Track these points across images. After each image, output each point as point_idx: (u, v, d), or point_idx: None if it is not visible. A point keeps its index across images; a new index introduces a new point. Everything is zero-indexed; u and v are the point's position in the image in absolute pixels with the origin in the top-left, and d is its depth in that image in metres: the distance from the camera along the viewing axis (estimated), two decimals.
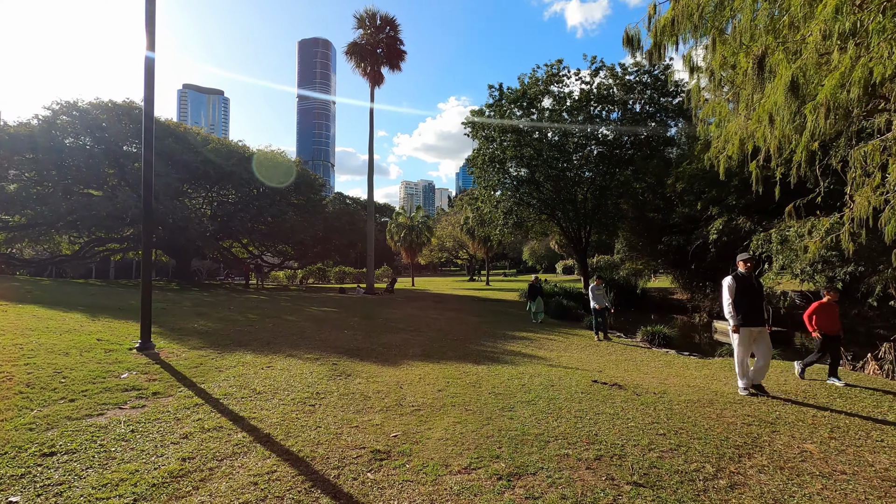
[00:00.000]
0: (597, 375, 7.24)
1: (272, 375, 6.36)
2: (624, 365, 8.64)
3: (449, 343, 10.21)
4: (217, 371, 6.43)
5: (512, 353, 9.46)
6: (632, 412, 5.16)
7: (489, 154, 26.72)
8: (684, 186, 18.92)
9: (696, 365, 8.83)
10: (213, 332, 9.67)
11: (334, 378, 6.42)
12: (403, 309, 17.43)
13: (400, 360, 8.05)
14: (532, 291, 15.83)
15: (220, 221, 27.37)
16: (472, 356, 8.72)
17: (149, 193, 7.52)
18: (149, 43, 7.68)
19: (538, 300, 15.73)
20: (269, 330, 10.45)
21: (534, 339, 11.71)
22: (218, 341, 8.63)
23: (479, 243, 42.87)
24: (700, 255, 18.93)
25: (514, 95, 25.76)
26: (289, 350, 8.26)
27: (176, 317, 11.37)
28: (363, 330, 11.40)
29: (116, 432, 4.06)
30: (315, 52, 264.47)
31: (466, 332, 12.30)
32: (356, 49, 30.79)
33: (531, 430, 4.46)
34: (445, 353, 8.97)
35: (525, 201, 27.16)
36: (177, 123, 29.13)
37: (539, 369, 7.63)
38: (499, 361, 8.29)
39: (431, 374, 6.90)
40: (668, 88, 25.63)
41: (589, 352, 10.19)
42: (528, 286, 16.32)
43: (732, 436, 4.52)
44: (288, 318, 12.95)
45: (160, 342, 8.00)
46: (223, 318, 11.96)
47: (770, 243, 14.03)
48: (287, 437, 4.18)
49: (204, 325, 10.51)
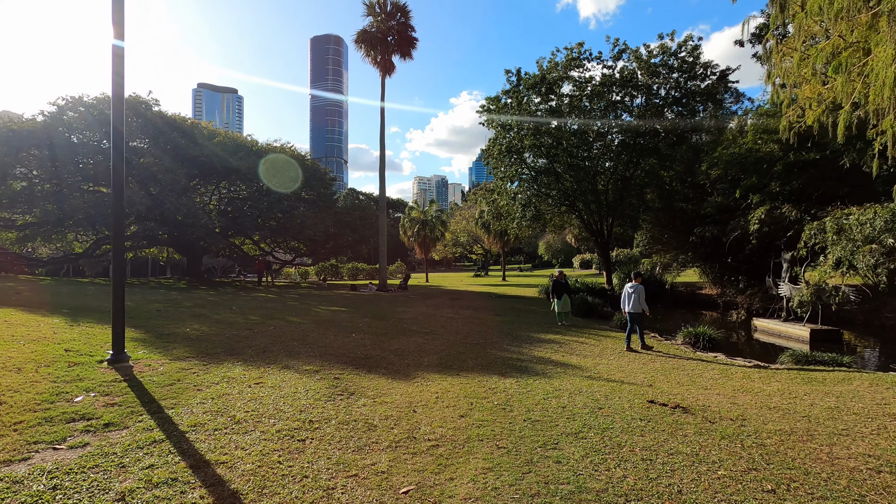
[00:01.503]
0: (649, 392, 6.03)
1: (259, 396, 5.29)
2: (676, 376, 7.39)
3: (468, 348, 9.08)
4: (195, 390, 5.38)
5: (541, 360, 8.28)
6: (714, 451, 3.95)
7: (506, 143, 25.36)
8: (720, 173, 17.40)
9: (761, 376, 7.52)
10: (205, 337, 8.68)
11: (334, 398, 5.33)
12: (417, 308, 16.35)
13: (413, 371, 6.94)
14: (557, 288, 13.62)
15: (228, 217, 26.58)
16: (496, 365, 7.56)
17: (119, 185, 6.58)
18: (116, 32, 6.74)
19: (565, 298, 13.55)
20: (269, 334, 9.43)
21: (562, 342, 10.50)
22: (207, 349, 7.63)
23: (495, 237, 41.52)
24: (737, 248, 17.44)
25: (532, 80, 24.33)
26: (286, 360, 7.21)
27: (169, 320, 10.43)
28: (373, 333, 10.32)
29: (30, 490, 3.01)
30: (327, 49, 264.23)
31: (486, 334, 11.15)
32: (366, 37, 29.67)
33: (589, 484, 3.29)
34: (465, 361, 7.83)
35: (544, 192, 25.77)
36: (183, 118, 28.38)
37: (578, 383, 6.45)
38: (528, 372, 7.12)
39: (451, 392, 5.77)
40: (697, 71, 23.96)
41: (628, 358, 8.95)
42: (552, 282, 14.13)
43: (865, 491, 3.29)
44: (292, 319, 11.95)
45: (140, 351, 7.01)
46: (221, 320, 11.00)
47: (824, 233, 12.55)
48: (260, 496, 3.09)
49: (198, 329, 9.54)
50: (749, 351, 12.45)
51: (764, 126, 16.63)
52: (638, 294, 9.93)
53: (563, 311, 13.60)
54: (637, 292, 9.95)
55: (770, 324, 15.43)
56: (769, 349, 12.93)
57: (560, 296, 13.49)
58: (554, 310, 13.83)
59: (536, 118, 24.60)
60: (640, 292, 9.97)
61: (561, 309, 13.53)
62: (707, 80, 24.02)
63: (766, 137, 16.10)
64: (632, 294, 9.96)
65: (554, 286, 13.79)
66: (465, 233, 52.47)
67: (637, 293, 9.94)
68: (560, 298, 13.47)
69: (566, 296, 13.64)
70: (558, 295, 13.51)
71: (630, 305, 9.95)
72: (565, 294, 13.61)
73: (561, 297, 13.48)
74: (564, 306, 13.59)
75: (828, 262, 12.04)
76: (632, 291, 10.01)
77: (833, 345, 13.78)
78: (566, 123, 24.98)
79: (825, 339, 13.70)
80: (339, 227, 31.02)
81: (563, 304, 13.53)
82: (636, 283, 10.15)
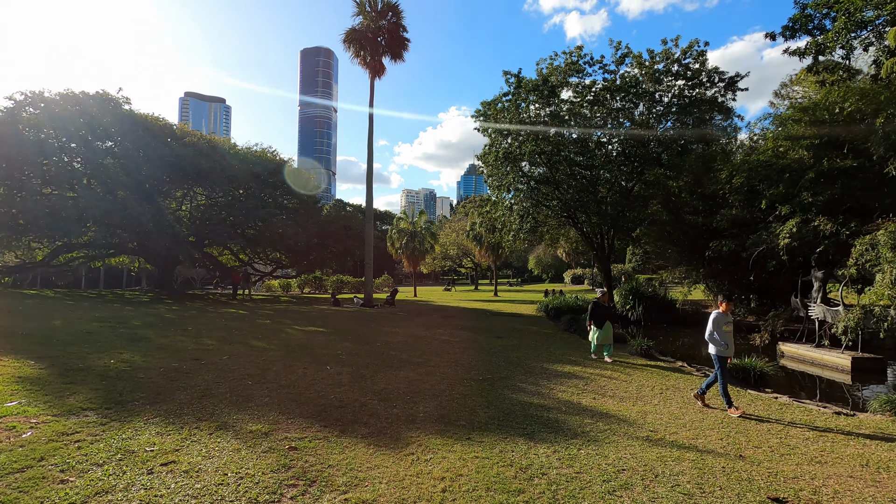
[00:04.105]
0: (750, 472, 4.13)
1: (157, 496, 3.27)
2: (760, 438, 5.49)
3: (474, 387, 7.12)
4: (55, 484, 3.34)
5: (571, 407, 6.36)
6: None
7: (502, 150, 23.70)
8: (742, 181, 15.87)
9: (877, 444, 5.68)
10: (128, 373, 6.58)
11: (281, 495, 3.34)
12: (406, 327, 14.35)
13: (405, 431, 4.96)
14: (599, 313, 10.54)
15: (202, 225, 24.31)
16: (516, 418, 5.62)
17: None
18: None
19: (607, 327, 10.54)
20: (218, 368, 7.36)
21: (584, 375, 8.61)
22: (121, 394, 5.55)
23: (487, 250, 39.76)
24: (759, 265, 15.89)
25: (533, 83, 22.84)
26: (227, 413, 5.17)
27: (94, 346, 8.27)
28: (352, 364, 8.31)
29: None
30: (317, 62, 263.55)
31: (491, 364, 9.21)
32: (355, 36, 27.97)
33: None
34: (474, 410, 5.86)
35: (543, 203, 24.11)
36: (155, 118, 26.22)
37: (641, 453, 4.53)
38: (563, 432, 5.19)
39: (464, 476, 3.81)
40: (702, 79, 22.76)
41: (677, 402, 7.05)
42: (592, 306, 10.86)
43: None
44: (256, 344, 9.86)
45: (15, 401, 4.93)
46: (165, 345, 8.87)
47: (875, 249, 10.97)
48: None
49: (126, 359, 7.42)
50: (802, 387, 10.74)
51: (787, 132, 15.28)
52: (727, 327, 6.71)
53: (606, 343, 10.56)
54: (716, 323, 6.70)
55: (799, 349, 13.83)
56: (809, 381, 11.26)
57: (601, 323, 10.50)
58: (592, 341, 10.77)
59: (535, 124, 23.08)
60: (720, 322, 6.68)
61: (602, 341, 10.53)
62: (714, 88, 22.86)
63: (792, 144, 14.74)
64: (721, 328, 6.66)
65: (594, 310, 10.66)
66: (455, 245, 50.65)
67: (725, 324, 6.69)
68: (601, 327, 10.50)
69: (609, 324, 10.61)
70: (599, 322, 10.51)
71: (717, 347, 6.66)
72: (608, 321, 10.58)
73: (602, 324, 10.51)
74: (606, 337, 10.55)
75: (885, 280, 10.41)
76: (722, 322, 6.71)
77: (877, 375, 12.17)
78: (566, 131, 23.49)
79: (868, 369, 12.12)
80: (323, 237, 28.95)
81: (604, 335, 10.53)
82: (726, 311, 6.82)
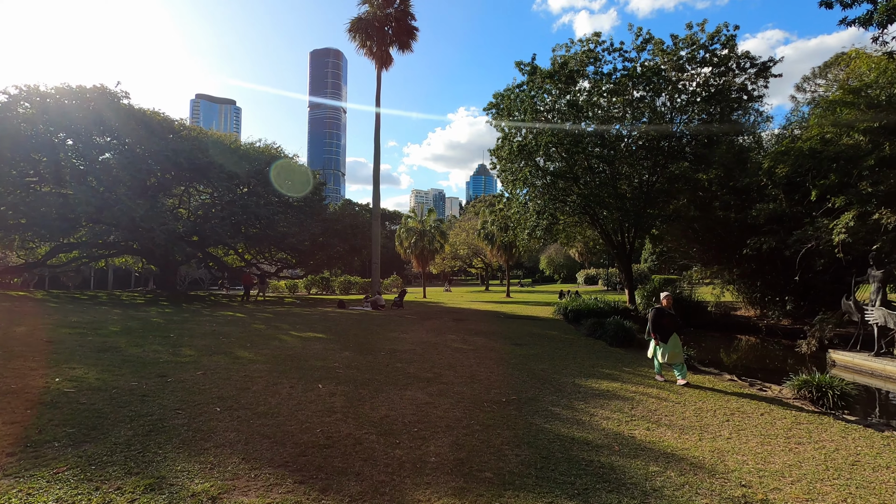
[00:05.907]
0: None
1: None
2: (884, 492, 4.06)
3: (497, 414, 5.75)
4: None
5: (625, 443, 4.96)
6: None
7: (517, 143, 22.21)
8: (787, 171, 14.26)
9: None
10: (66, 398, 5.29)
11: None
12: (415, 332, 13.01)
13: (410, 491, 3.59)
14: (662, 323, 8.17)
15: (199, 223, 23.20)
16: (558, 465, 4.24)
17: None
18: None
19: (674, 341, 8.12)
20: (185, 387, 6.06)
21: (628, 395, 7.17)
22: (40, 431, 4.25)
23: (499, 250, 38.27)
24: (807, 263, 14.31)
25: (547, 71, 21.35)
26: (170, 462, 3.84)
27: (46, 360, 7.01)
28: (350, 381, 6.98)
29: None
30: (326, 63, 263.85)
31: (514, 380, 7.82)
32: (361, 25, 26.76)
33: None
34: (502, 453, 4.49)
35: (561, 198, 22.59)
36: (155, 112, 25.22)
37: None
38: (626, 487, 3.80)
39: None
40: (730, 65, 21.08)
41: (753, 434, 5.61)
42: (654, 313, 8.27)
43: None
44: (241, 354, 8.57)
45: None
46: (132, 358, 7.60)
47: None
48: None
49: (77, 376, 6.16)
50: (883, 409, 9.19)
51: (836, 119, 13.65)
52: None
53: (675, 361, 8.13)
54: None
55: (855, 358, 12.32)
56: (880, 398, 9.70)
57: (668, 336, 8.11)
58: (655, 358, 8.35)
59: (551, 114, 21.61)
60: None
61: (670, 359, 8.09)
62: (744, 74, 21.16)
63: (845, 129, 13.14)
64: None
65: (656, 319, 8.18)
66: (465, 245, 49.22)
67: None
68: (667, 341, 8.10)
69: (676, 336, 8.15)
70: (664, 335, 8.10)
71: None
72: (675, 334, 8.15)
73: (669, 337, 8.12)
74: (676, 354, 8.09)
75: None
76: None
77: None
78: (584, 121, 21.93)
79: None
80: (328, 235, 27.72)
81: (672, 350, 8.08)
82: None
